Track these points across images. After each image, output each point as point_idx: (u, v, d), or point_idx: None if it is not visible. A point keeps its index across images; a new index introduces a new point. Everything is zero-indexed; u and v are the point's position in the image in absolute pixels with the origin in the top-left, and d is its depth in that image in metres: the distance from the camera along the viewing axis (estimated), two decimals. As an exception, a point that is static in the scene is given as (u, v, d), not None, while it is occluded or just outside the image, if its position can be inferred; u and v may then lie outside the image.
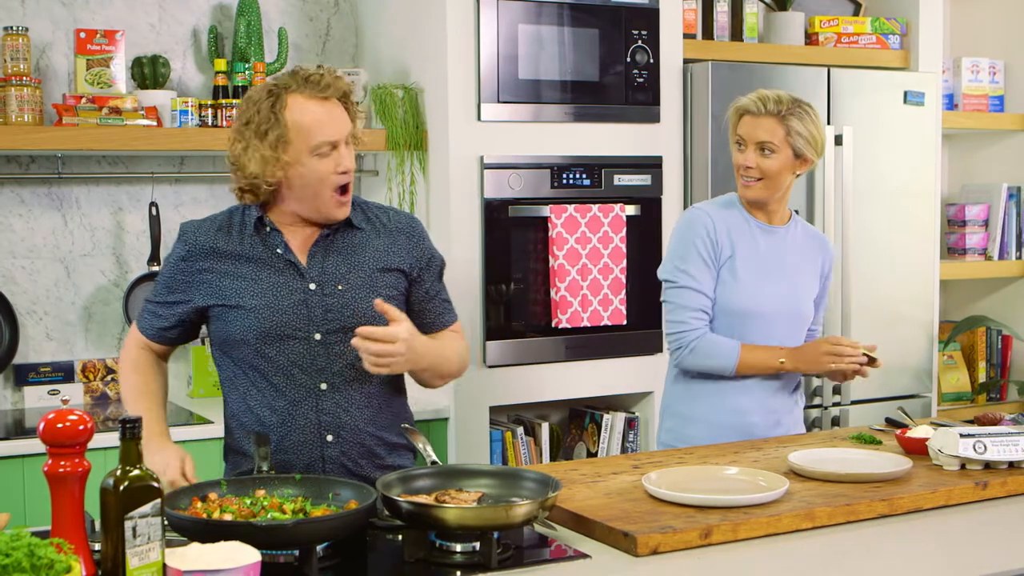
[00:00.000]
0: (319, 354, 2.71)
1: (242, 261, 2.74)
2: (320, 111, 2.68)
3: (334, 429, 2.73)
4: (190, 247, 2.78)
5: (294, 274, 2.73)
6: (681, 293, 3.22)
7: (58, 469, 1.88)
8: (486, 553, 2.17)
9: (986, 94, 5.40)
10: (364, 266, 2.77)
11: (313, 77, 2.69)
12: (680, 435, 3.27)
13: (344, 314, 2.72)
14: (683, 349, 3.22)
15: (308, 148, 2.67)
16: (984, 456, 2.71)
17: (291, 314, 2.70)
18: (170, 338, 2.85)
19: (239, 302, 2.71)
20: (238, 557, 1.84)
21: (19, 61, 3.92)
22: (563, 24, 4.16)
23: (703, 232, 3.23)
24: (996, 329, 5.44)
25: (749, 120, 3.22)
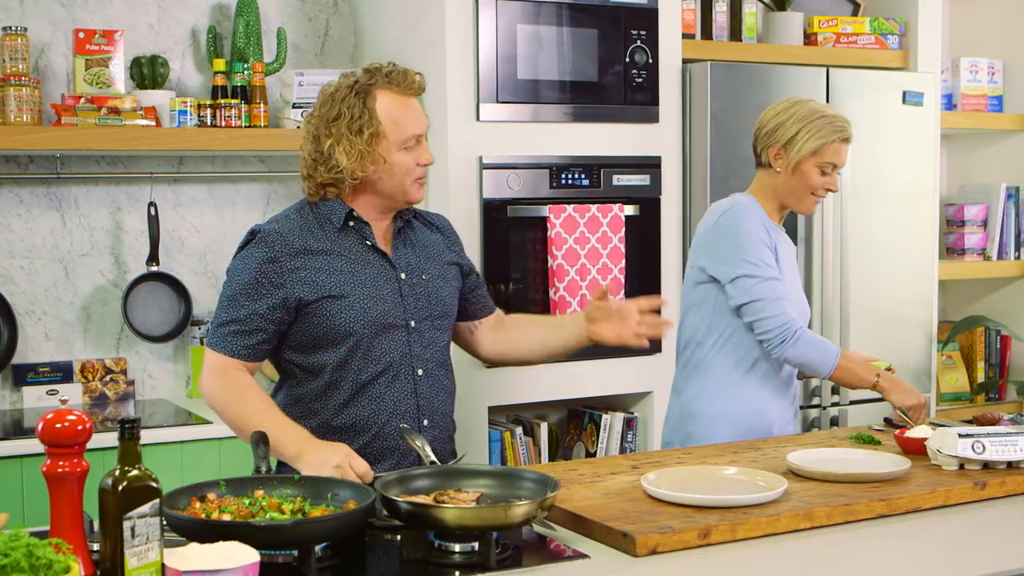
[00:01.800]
0: (415, 341, 2.83)
1: (334, 256, 2.80)
2: (406, 107, 2.83)
3: (429, 413, 2.86)
4: (276, 248, 2.77)
5: (386, 265, 2.84)
6: (770, 286, 3.19)
7: (57, 469, 1.88)
8: (485, 553, 2.17)
9: (985, 94, 5.40)
10: (435, 258, 2.95)
11: (395, 75, 2.82)
12: (702, 437, 3.26)
13: (431, 302, 2.88)
14: (788, 340, 3.17)
15: (398, 142, 2.79)
16: (983, 456, 2.71)
17: (390, 303, 2.81)
18: (265, 350, 2.79)
19: (342, 292, 2.76)
20: (237, 557, 1.84)
21: (18, 61, 3.92)
22: (562, 24, 4.17)
23: (760, 224, 3.25)
24: (995, 329, 5.44)
25: (845, 148, 3.29)
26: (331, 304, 2.75)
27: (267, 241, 2.77)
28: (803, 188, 3.28)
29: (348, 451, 2.57)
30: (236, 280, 2.78)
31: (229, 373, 2.76)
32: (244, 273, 2.77)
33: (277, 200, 4.46)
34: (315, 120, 2.82)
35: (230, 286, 2.79)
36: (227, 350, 2.76)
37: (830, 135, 3.26)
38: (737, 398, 3.26)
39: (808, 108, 3.29)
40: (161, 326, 4.24)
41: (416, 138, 2.83)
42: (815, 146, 3.24)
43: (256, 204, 4.44)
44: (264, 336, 2.76)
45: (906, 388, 3.24)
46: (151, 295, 4.22)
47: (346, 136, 2.76)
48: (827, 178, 3.27)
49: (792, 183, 3.28)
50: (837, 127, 3.27)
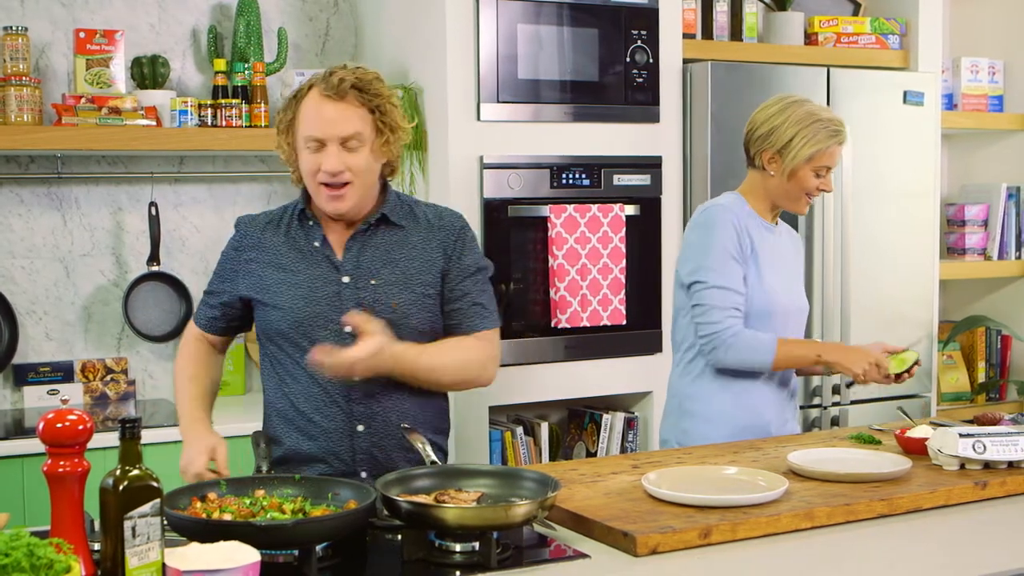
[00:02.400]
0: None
1: (283, 252, 2.81)
2: (320, 107, 2.71)
3: (365, 420, 2.76)
4: (241, 238, 2.88)
5: (329, 267, 2.79)
6: (713, 293, 3.18)
7: (57, 469, 1.88)
8: (485, 553, 2.17)
9: (985, 94, 5.40)
10: (400, 263, 2.80)
11: (330, 75, 2.74)
12: (698, 435, 3.25)
13: (375, 308, 2.74)
14: (720, 348, 3.17)
15: (301, 140, 2.74)
16: (983, 456, 2.71)
17: (324, 306, 2.75)
18: (220, 327, 2.94)
19: (276, 293, 2.77)
20: (238, 557, 1.84)
21: (19, 61, 3.92)
22: (562, 24, 4.16)
23: (730, 229, 3.21)
24: (995, 329, 5.44)
25: (839, 151, 3.27)
26: (264, 303, 2.80)
27: (237, 229, 2.91)
28: (797, 191, 3.27)
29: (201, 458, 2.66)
30: (220, 257, 2.95)
31: (191, 340, 2.96)
32: (222, 254, 2.93)
33: (278, 200, 4.46)
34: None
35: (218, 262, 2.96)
36: (195, 317, 2.97)
37: (826, 140, 3.23)
38: (733, 397, 3.25)
39: (803, 111, 3.25)
40: (162, 326, 4.24)
41: (316, 141, 2.71)
42: (811, 152, 3.22)
43: (257, 204, 4.44)
44: (217, 313, 2.91)
45: (854, 355, 3.19)
46: (152, 295, 4.22)
47: (277, 131, 2.81)
48: (821, 180, 3.26)
49: (786, 186, 3.26)
50: (833, 131, 3.24)
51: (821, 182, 3.26)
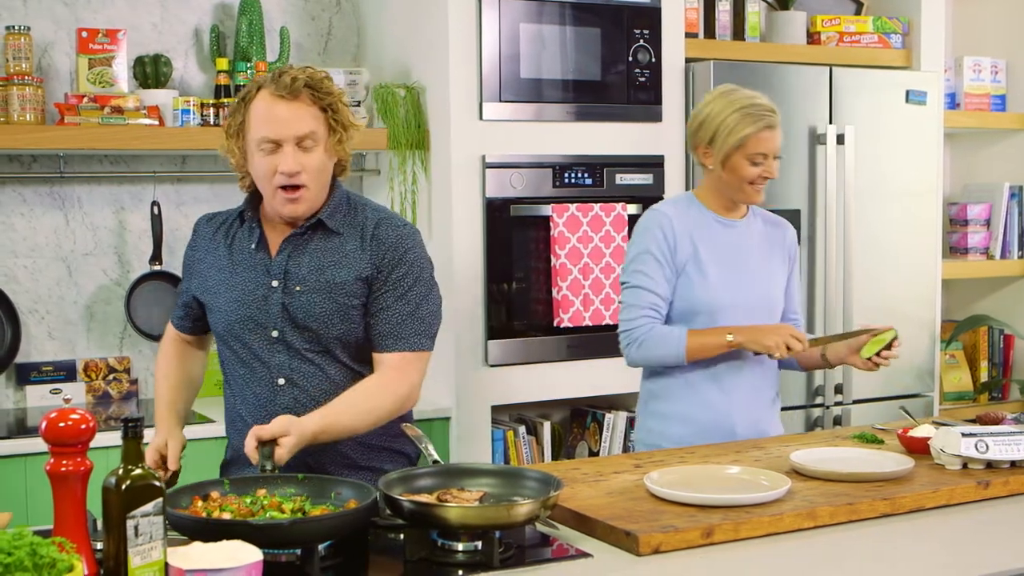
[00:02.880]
0: (277, 350, 2.72)
1: (226, 254, 2.81)
2: (273, 108, 2.65)
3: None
4: (196, 238, 2.91)
5: (262, 270, 2.75)
6: (633, 292, 3.20)
7: (60, 468, 1.88)
8: (488, 552, 2.17)
9: (988, 93, 5.39)
10: (327, 270, 2.71)
11: (272, 76, 2.68)
12: (663, 434, 3.24)
13: (298, 315, 2.70)
14: (631, 345, 3.18)
15: (253, 142, 2.68)
16: (986, 455, 2.71)
17: (254, 308, 2.74)
18: (188, 327, 2.96)
19: (216, 295, 2.80)
20: (240, 556, 1.84)
21: (21, 60, 3.92)
22: (565, 23, 4.16)
23: (659, 233, 3.20)
24: (998, 328, 5.44)
25: (771, 135, 3.19)
26: (207, 303, 2.84)
27: (195, 231, 2.92)
28: (737, 181, 3.21)
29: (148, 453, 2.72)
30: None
31: (165, 342, 3.01)
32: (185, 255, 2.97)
33: (280, 199, 4.46)
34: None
35: None
36: (171, 318, 3.02)
37: (748, 127, 3.16)
38: (695, 395, 3.21)
39: (725, 101, 3.20)
40: (164, 325, 4.18)
41: (271, 142, 2.64)
42: (736, 141, 3.16)
43: (259, 203, 4.44)
44: (182, 312, 2.95)
45: (764, 332, 3.13)
46: (154, 294, 4.22)
47: (228, 134, 2.75)
48: (760, 167, 3.19)
49: (726, 178, 3.22)
50: (756, 116, 3.17)
51: (761, 169, 3.19)
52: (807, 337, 3.16)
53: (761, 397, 3.30)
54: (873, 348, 3.22)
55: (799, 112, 4.52)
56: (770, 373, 3.31)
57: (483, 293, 4.08)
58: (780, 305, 3.34)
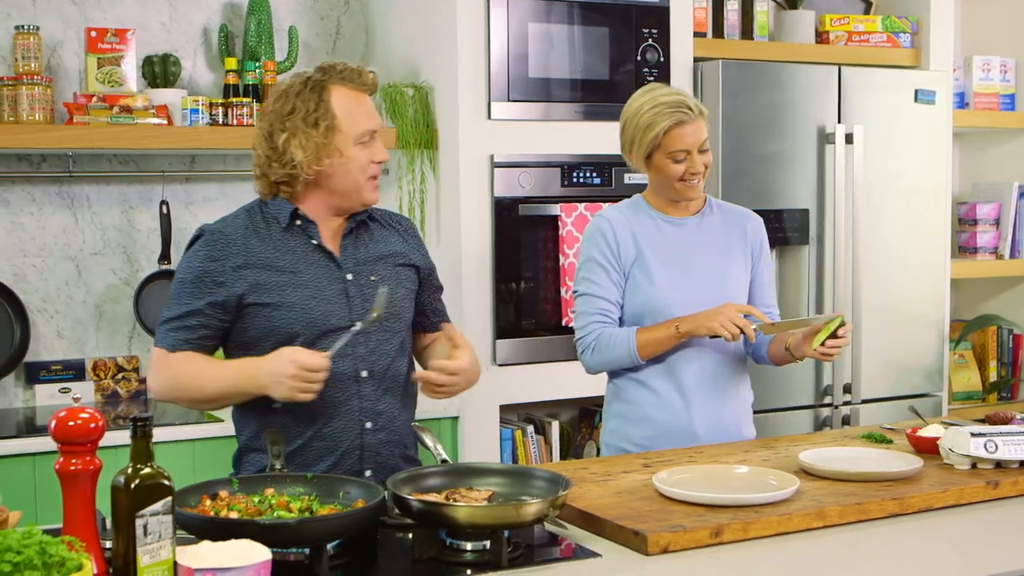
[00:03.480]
0: (359, 342, 2.75)
1: (277, 257, 2.76)
2: (361, 102, 2.80)
3: (373, 416, 2.77)
4: (218, 247, 2.75)
5: (332, 265, 2.79)
6: (582, 300, 3.19)
7: (69, 467, 1.88)
8: (496, 552, 2.17)
9: (997, 92, 5.38)
10: (388, 259, 2.87)
11: (348, 71, 2.79)
12: (623, 435, 3.22)
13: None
14: (586, 351, 3.17)
15: (354, 136, 2.75)
16: (995, 455, 2.71)
17: (334, 304, 2.75)
18: (206, 346, 2.78)
19: (282, 297, 2.72)
20: (249, 555, 1.84)
21: (30, 60, 3.93)
22: (573, 22, 4.16)
23: (600, 239, 3.19)
24: (1007, 328, 5.43)
25: (687, 130, 3.11)
26: (271, 306, 2.73)
27: (211, 240, 2.76)
28: (664, 179, 3.18)
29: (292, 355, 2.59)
30: (179, 278, 2.78)
31: (169, 360, 2.74)
32: (187, 271, 2.77)
33: (288, 199, 4.46)
34: (268, 117, 2.78)
35: (175, 284, 2.80)
36: (168, 344, 2.75)
37: (659, 124, 3.10)
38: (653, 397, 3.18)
39: (641, 101, 3.16)
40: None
41: (371, 134, 2.79)
42: (651, 139, 3.12)
43: (268, 203, 4.44)
44: (205, 332, 2.75)
45: (708, 314, 3.07)
46: (163, 293, 4.20)
47: (301, 129, 2.72)
48: (684, 164, 3.13)
49: (655, 178, 3.20)
50: (667, 114, 3.10)
51: (686, 166, 3.13)
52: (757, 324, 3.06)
53: (725, 397, 3.23)
54: (821, 337, 3.10)
55: (808, 111, 4.52)
56: (735, 371, 3.24)
57: (491, 292, 4.08)
58: (740, 301, 3.23)
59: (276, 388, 2.60)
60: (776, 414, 4.46)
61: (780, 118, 4.45)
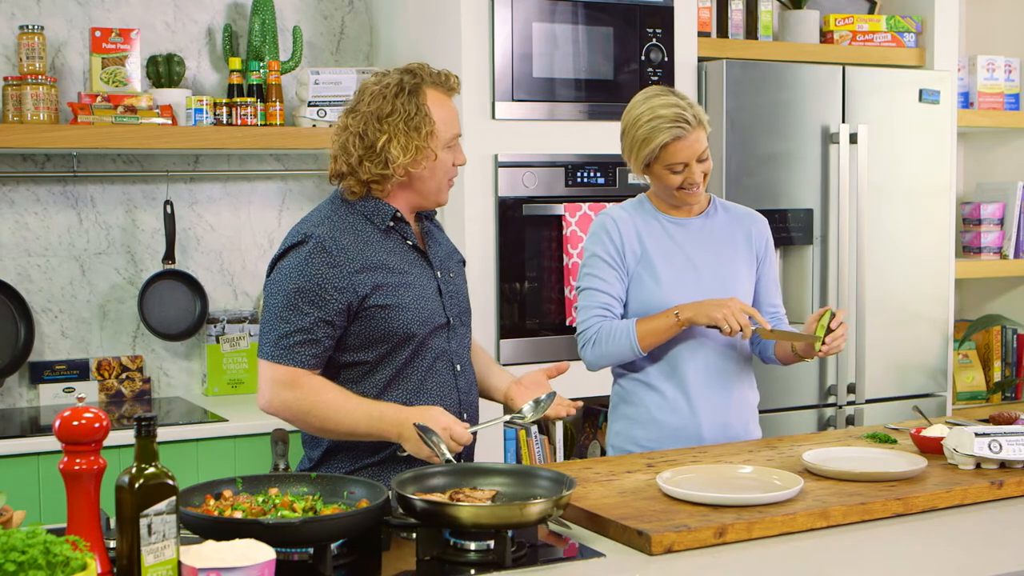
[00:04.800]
0: (452, 337, 2.88)
1: (386, 257, 2.80)
2: (450, 107, 2.88)
3: (467, 407, 2.91)
4: (335, 253, 2.73)
5: (426, 264, 2.88)
6: (585, 295, 3.20)
7: (74, 467, 1.88)
8: (500, 551, 2.17)
9: (1002, 92, 5.38)
10: (454, 256, 3.02)
11: (437, 75, 2.87)
12: (629, 437, 3.22)
13: (459, 299, 2.95)
14: (586, 345, 3.17)
15: (445, 140, 2.83)
16: (999, 455, 2.70)
17: (435, 302, 2.85)
18: (328, 357, 2.77)
19: (398, 298, 2.77)
20: (253, 555, 1.84)
21: (35, 60, 3.93)
22: (577, 22, 4.16)
23: (605, 236, 3.19)
24: (1011, 328, 5.42)
25: (683, 144, 3.08)
26: (391, 307, 2.75)
27: (325, 246, 2.73)
28: (663, 189, 3.18)
29: (445, 422, 2.63)
30: (294, 287, 2.72)
31: (301, 381, 2.71)
32: (304, 279, 2.71)
33: (292, 199, 4.47)
34: (361, 116, 2.80)
35: (286, 295, 2.72)
36: (295, 361, 2.70)
37: (656, 139, 3.07)
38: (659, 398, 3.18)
39: (639, 111, 3.12)
40: (177, 324, 4.25)
41: (457, 138, 2.88)
42: (648, 153, 3.10)
43: (272, 203, 4.45)
44: (330, 343, 2.73)
45: (711, 304, 3.06)
46: (167, 293, 4.23)
47: (403, 132, 2.77)
48: (682, 175, 3.12)
49: (654, 186, 3.21)
50: (662, 130, 3.07)
51: (684, 176, 3.12)
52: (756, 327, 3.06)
53: (730, 399, 3.22)
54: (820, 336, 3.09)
55: (812, 111, 4.52)
56: (740, 372, 3.24)
57: (495, 292, 4.08)
58: (746, 301, 3.22)
59: (415, 445, 2.64)
60: (780, 414, 4.46)
61: (784, 118, 4.45)
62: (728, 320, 3.02)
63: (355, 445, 2.79)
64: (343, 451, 2.81)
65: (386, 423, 2.67)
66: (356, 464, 2.81)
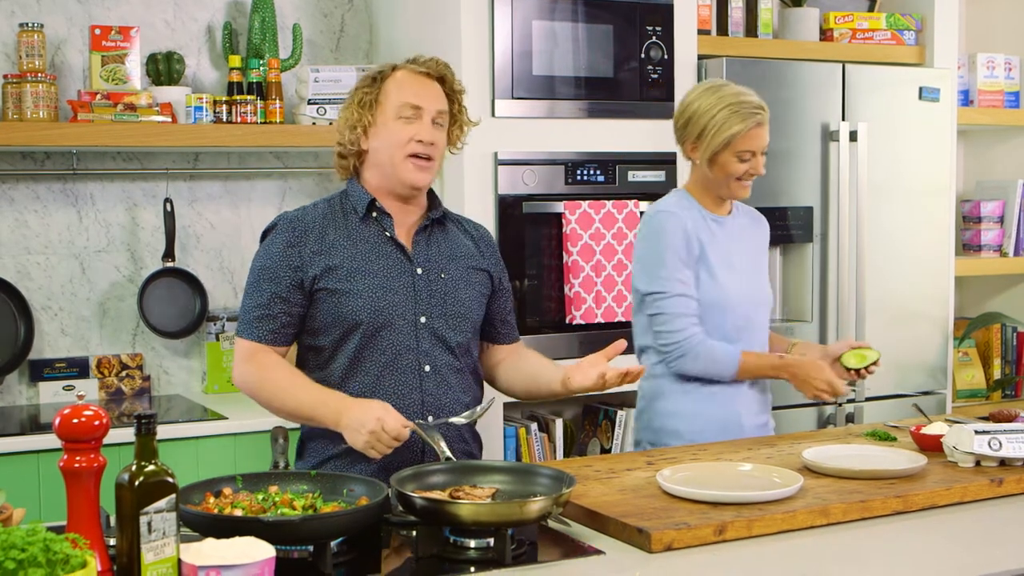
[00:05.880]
0: (423, 337, 2.81)
1: (350, 244, 2.81)
2: (416, 80, 2.84)
3: (435, 410, 2.81)
4: (295, 235, 2.81)
5: (402, 258, 2.84)
6: (674, 303, 3.17)
7: (73, 464, 1.88)
8: (500, 549, 2.17)
9: (1002, 90, 5.38)
10: (460, 260, 2.92)
11: (417, 59, 2.88)
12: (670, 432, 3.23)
13: (446, 300, 2.85)
14: (685, 356, 3.16)
15: (393, 109, 2.80)
16: (999, 453, 2.70)
17: (400, 296, 2.80)
18: (289, 335, 2.82)
19: (353, 282, 2.77)
20: (253, 552, 1.84)
21: (34, 57, 3.93)
22: (577, 20, 4.16)
23: (680, 233, 3.18)
24: (1011, 326, 5.42)
25: (758, 132, 3.18)
26: (340, 291, 2.77)
27: (289, 227, 2.82)
28: (724, 178, 3.21)
29: (380, 413, 2.60)
30: (258, 265, 2.82)
31: (257, 356, 2.78)
32: (266, 258, 2.81)
33: (292, 196, 4.47)
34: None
35: (253, 272, 2.83)
36: (254, 335, 2.79)
37: (737, 124, 3.15)
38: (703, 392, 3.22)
39: (714, 98, 3.19)
40: (177, 322, 4.25)
41: (413, 109, 2.81)
42: (725, 138, 3.15)
43: (272, 200, 4.45)
44: (287, 319, 2.79)
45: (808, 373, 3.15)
46: (167, 291, 4.23)
47: (355, 106, 2.83)
48: (748, 164, 3.19)
49: (713, 174, 3.22)
50: (745, 114, 3.15)
51: (749, 166, 3.19)
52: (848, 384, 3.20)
53: (765, 391, 3.33)
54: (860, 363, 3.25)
55: (812, 109, 4.51)
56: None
57: (495, 290, 4.08)
58: (769, 298, 3.36)
59: (351, 434, 2.62)
60: (780, 412, 4.43)
61: (784, 116, 4.44)
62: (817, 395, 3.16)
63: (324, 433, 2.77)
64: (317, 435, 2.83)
65: (328, 409, 2.69)
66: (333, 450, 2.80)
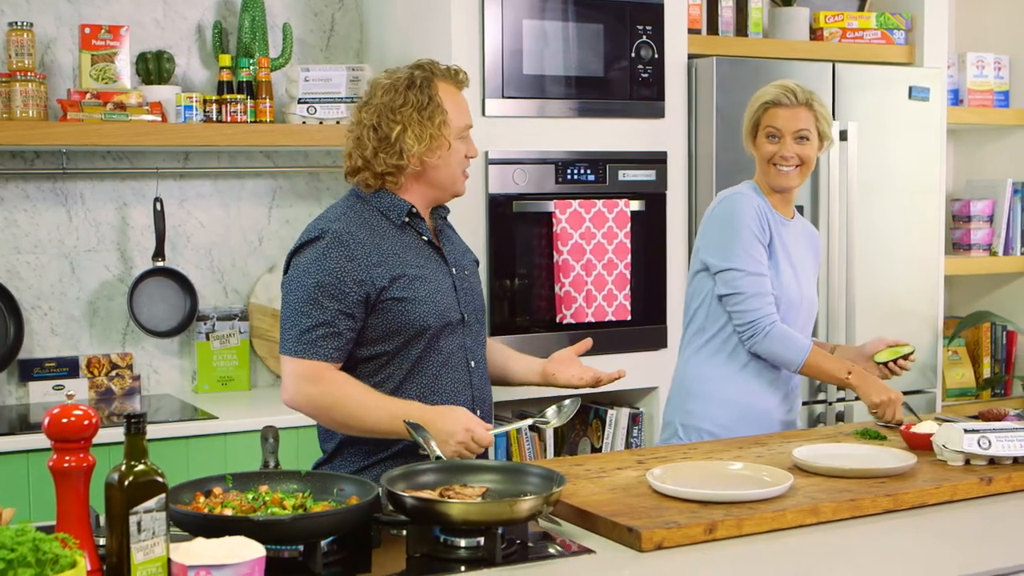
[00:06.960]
0: (467, 334, 2.89)
1: (403, 250, 2.83)
2: (460, 98, 2.93)
3: (480, 404, 2.91)
4: (352, 247, 2.76)
5: (440, 260, 2.89)
6: (750, 281, 3.23)
7: (63, 464, 1.88)
8: (490, 548, 2.17)
9: (991, 89, 5.39)
10: (467, 255, 3.04)
11: (447, 70, 2.92)
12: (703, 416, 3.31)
13: (474, 296, 2.96)
14: (759, 335, 3.23)
15: (457, 130, 2.86)
16: (989, 452, 2.71)
17: (449, 297, 2.86)
18: (350, 350, 2.78)
19: (414, 291, 2.79)
20: (242, 552, 1.84)
21: (24, 56, 3.92)
22: (567, 19, 4.16)
23: (754, 214, 3.27)
24: (1001, 325, 5.44)
25: (784, 112, 3.30)
26: (407, 299, 2.77)
27: (342, 240, 2.76)
28: (762, 163, 3.35)
29: (467, 423, 2.66)
30: (312, 282, 2.74)
31: (325, 376, 2.74)
32: (323, 274, 2.73)
33: (282, 196, 4.46)
34: (374, 109, 2.85)
35: (305, 289, 2.74)
36: (319, 355, 2.73)
37: (759, 101, 3.35)
38: (742, 382, 3.31)
39: (756, 95, 3.39)
40: (167, 321, 4.24)
41: (468, 129, 2.93)
42: (751, 116, 3.37)
43: (262, 200, 4.44)
44: (351, 335, 2.76)
45: (875, 386, 3.24)
46: (157, 290, 4.22)
47: (416, 121, 2.82)
48: (776, 145, 3.31)
49: (758, 161, 3.38)
50: (770, 92, 3.34)
51: (777, 147, 3.31)
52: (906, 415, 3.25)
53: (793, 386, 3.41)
54: (890, 356, 3.36)
55: (802, 108, 4.52)
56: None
57: (486, 289, 4.07)
58: (817, 305, 3.47)
59: (439, 445, 2.59)
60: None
61: (774, 115, 4.44)
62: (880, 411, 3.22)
63: (368, 439, 2.80)
64: (357, 444, 2.83)
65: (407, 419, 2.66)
66: (369, 460, 2.82)
